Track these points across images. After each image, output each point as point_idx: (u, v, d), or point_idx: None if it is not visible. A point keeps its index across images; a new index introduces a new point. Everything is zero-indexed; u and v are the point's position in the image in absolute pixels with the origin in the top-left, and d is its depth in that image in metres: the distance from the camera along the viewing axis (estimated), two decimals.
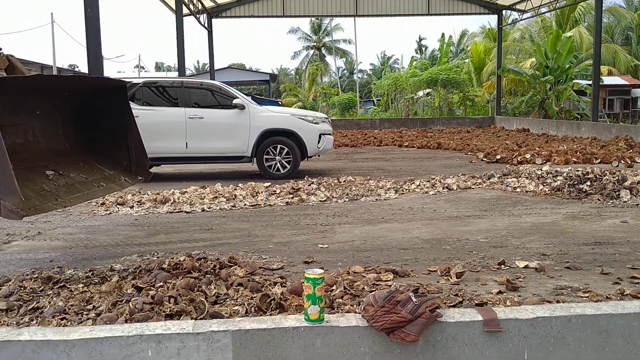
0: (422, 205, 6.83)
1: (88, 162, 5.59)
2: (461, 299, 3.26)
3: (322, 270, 2.30)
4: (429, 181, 8.49)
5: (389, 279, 3.76)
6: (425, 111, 31.43)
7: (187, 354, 2.17)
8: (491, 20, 31.61)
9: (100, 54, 8.87)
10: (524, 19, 27.66)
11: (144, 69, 53.08)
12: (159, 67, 71.72)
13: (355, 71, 53.50)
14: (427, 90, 30.89)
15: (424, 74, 29.18)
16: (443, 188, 7.94)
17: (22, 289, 3.60)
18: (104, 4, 8.76)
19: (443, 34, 33.27)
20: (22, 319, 3.10)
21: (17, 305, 3.32)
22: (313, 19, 47.60)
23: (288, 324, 2.24)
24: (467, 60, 33.90)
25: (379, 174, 10.02)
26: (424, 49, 56.90)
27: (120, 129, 5.79)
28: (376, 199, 7.31)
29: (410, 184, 8.28)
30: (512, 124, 22.56)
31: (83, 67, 54.69)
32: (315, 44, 51.65)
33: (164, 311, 3.04)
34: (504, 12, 26.34)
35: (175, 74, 33.33)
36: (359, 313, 2.32)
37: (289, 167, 9.97)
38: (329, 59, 52.36)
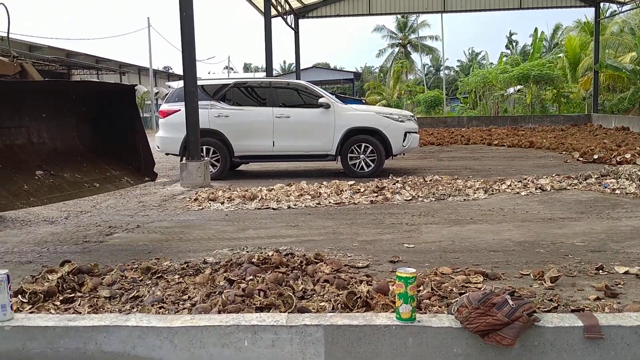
0: (513, 206, 6.59)
1: (95, 163, 5.84)
2: (556, 304, 3.12)
3: (414, 270, 2.28)
4: (520, 181, 8.18)
5: (478, 281, 3.67)
6: (515, 108, 30.27)
7: (281, 346, 2.23)
8: (587, 13, 29.89)
9: (194, 56, 9.24)
10: (624, 12, 25.91)
11: (232, 70, 54.83)
12: (247, 68, 73.83)
13: (441, 68, 52.46)
14: (518, 87, 29.71)
15: (515, 70, 28.07)
16: (536, 189, 7.62)
17: (123, 278, 3.83)
18: (196, 8, 9.14)
19: (536, 29, 31.83)
20: (123, 306, 3.30)
21: (119, 293, 3.54)
22: (398, 16, 47.14)
23: (379, 321, 2.24)
24: (561, 55, 32.26)
25: (467, 173, 9.78)
26: (514, 44, 54.81)
27: (130, 132, 6.00)
28: (464, 199, 7.14)
29: (501, 184, 8.01)
30: (610, 122, 21.24)
31: (176, 69, 57.32)
32: (400, 41, 51.13)
33: (254, 304, 3.13)
34: (601, 4, 24.82)
35: (262, 74, 34.20)
36: (452, 314, 2.29)
37: (373, 165, 9.95)
38: (415, 56, 51.67)
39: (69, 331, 2.36)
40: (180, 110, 9.85)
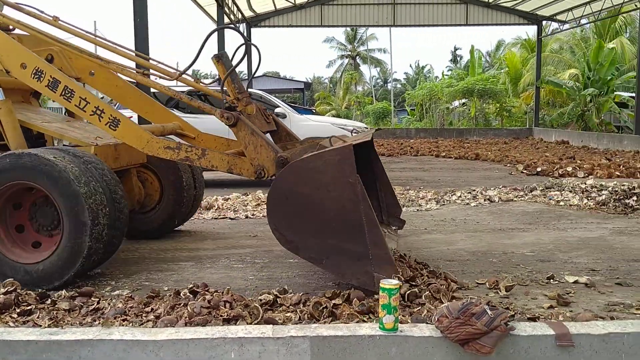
0: (464, 216, 6.80)
1: None
2: (513, 313, 3.25)
3: (397, 281, 2.37)
4: (469, 192, 8.44)
5: None
6: (460, 121, 31.19)
7: (268, 357, 2.25)
8: (529, 30, 31.25)
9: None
10: (564, 30, 27.24)
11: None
12: (198, 76, 72.78)
13: (389, 80, 53.49)
14: (463, 100, 30.65)
15: (460, 84, 28.95)
16: (485, 200, 7.88)
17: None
18: (149, 14, 9.07)
19: (472, 47, 33.01)
20: (84, 319, 3.22)
21: (79, 305, 3.45)
22: (348, 28, 47.80)
23: (364, 332, 2.30)
24: (503, 71, 33.52)
25: (417, 184, 10.00)
26: (459, 58, 56.49)
27: (370, 181, 5.28)
28: (417, 209, 7.30)
29: (451, 195, 8.25)
30: (550, 136, 22.22)
31: None
32: (350, 53, 51.82)
33: (221, 315, 3.13)
34: (543, 22, 26.01)
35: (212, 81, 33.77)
36: (432, 324, 2.38)
37: None
38: (364, 68, 52.46)
39: (52, 345, 2.31)
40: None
